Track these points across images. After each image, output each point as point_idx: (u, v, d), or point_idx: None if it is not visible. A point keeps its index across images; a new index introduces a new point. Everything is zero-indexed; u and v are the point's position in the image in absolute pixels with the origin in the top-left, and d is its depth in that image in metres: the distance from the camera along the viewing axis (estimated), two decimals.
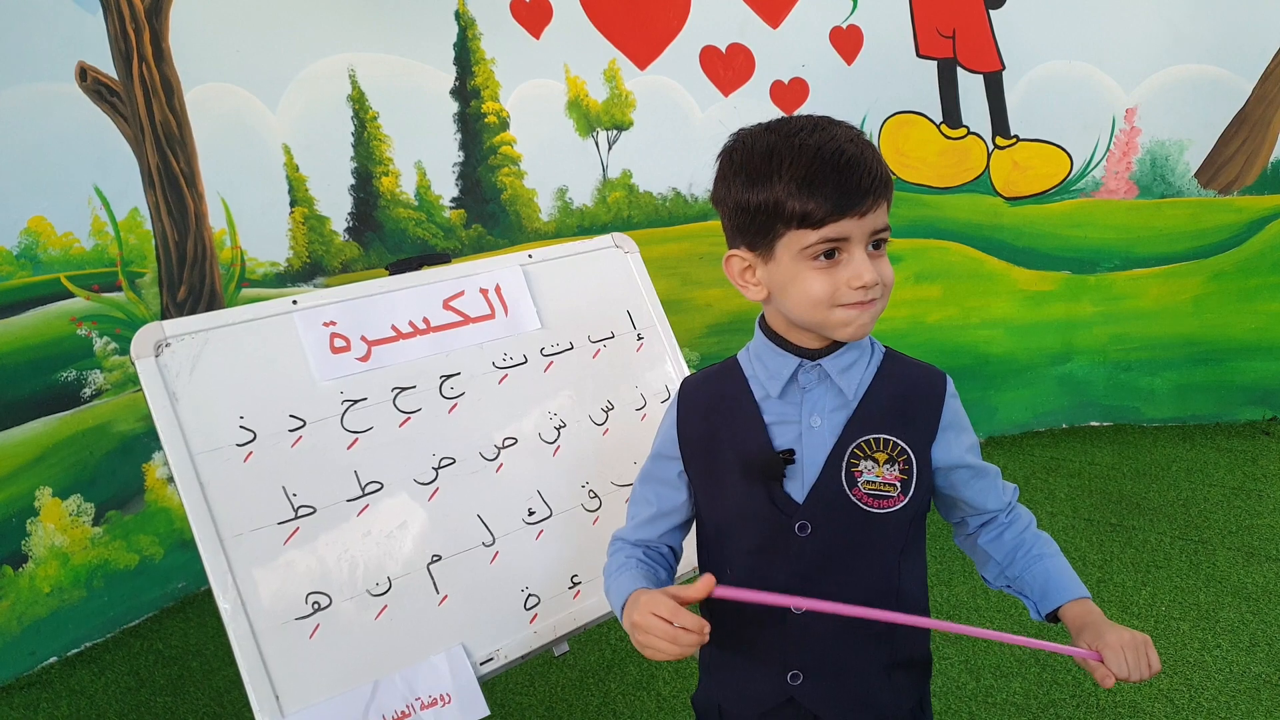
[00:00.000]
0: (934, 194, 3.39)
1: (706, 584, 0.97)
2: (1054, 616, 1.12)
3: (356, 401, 1.44)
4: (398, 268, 1.58)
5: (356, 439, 1.42)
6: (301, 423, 1.39)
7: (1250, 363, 3.53)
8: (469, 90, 3.05)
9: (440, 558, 1.42)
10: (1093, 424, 3.65)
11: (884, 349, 1.14)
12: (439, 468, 1.46)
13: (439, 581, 1.40)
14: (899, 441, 1.08)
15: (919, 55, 3.27)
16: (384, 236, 3.09)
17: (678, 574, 1.22)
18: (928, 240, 3.44)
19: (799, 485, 1.07)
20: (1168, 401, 3.59)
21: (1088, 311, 3.56)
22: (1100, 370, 3.61)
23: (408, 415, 1.47)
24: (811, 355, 1.06)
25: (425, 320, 1.54)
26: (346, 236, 3.07)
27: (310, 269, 3.06)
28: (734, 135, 1.05)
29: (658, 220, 3.23)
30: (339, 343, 1.47)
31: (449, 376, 1.52)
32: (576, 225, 3.18)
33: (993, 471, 1.16)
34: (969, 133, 3.36)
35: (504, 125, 3.09)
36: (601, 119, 3.13)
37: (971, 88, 3.33)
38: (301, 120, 2.94)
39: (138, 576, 2.75)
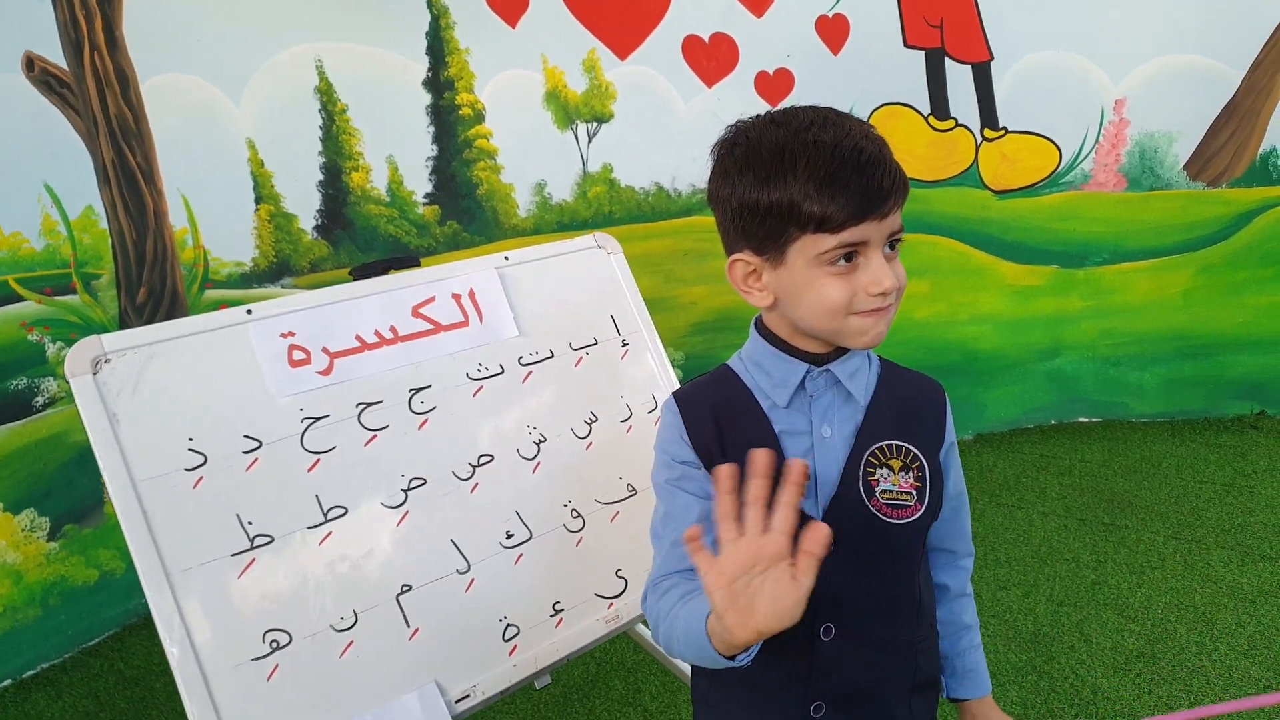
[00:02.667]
0: (922, 187, 3.32)
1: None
2: (956, 698, 1.17)
3: (318, 419, 1.34)
4: (362, 272, 1.47)
5: (318, 460, 1.32)
6: (257, 444, 1.28)
7: (1238, 357, 3.49)
8: (442, 82, 2.93)
9: (411, 587, 1.31)
10: (1082, 420, 3.60)
11: (879, 357, 1.08)
12: (409, 489, 1.36)
13: (409, 613, 1.30)
14: (911, 448, 1.02)
15: (906, 45, 3.19)
16: (354, 234, 2.96)
17: None
18: (916, 235, 3.37)
19: (813, 501, 1.00)
20: (1156, 397, 3.55)
21: (1076, 306, 3.50)
22: (1089, 366, 3.55)
23: (374, 433, 1.37)
24: (818, 361, 1.00)
25: (392, 329, 1.44)
26: (315, 235, 2.95)
27: (277, 269, 2.93)
28: (732, 127, 0.96)
29: (640, 216, 3.12)
30: (298, 355, 1.36)
31: (419, 390, 1.42)
32: (556, 221, 3.08)
33: (968, 514, 1.14)
34: (957, 124, 3.29)
35: (479, 118, 2.97)
36: (581, 111, 3.02)
37: (959, 79, 3.25)
38: (266, 113, 2.81)
39: (97, 593, 2.63)
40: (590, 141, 3.06)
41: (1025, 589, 2.56)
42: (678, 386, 1.65)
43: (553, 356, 1.55)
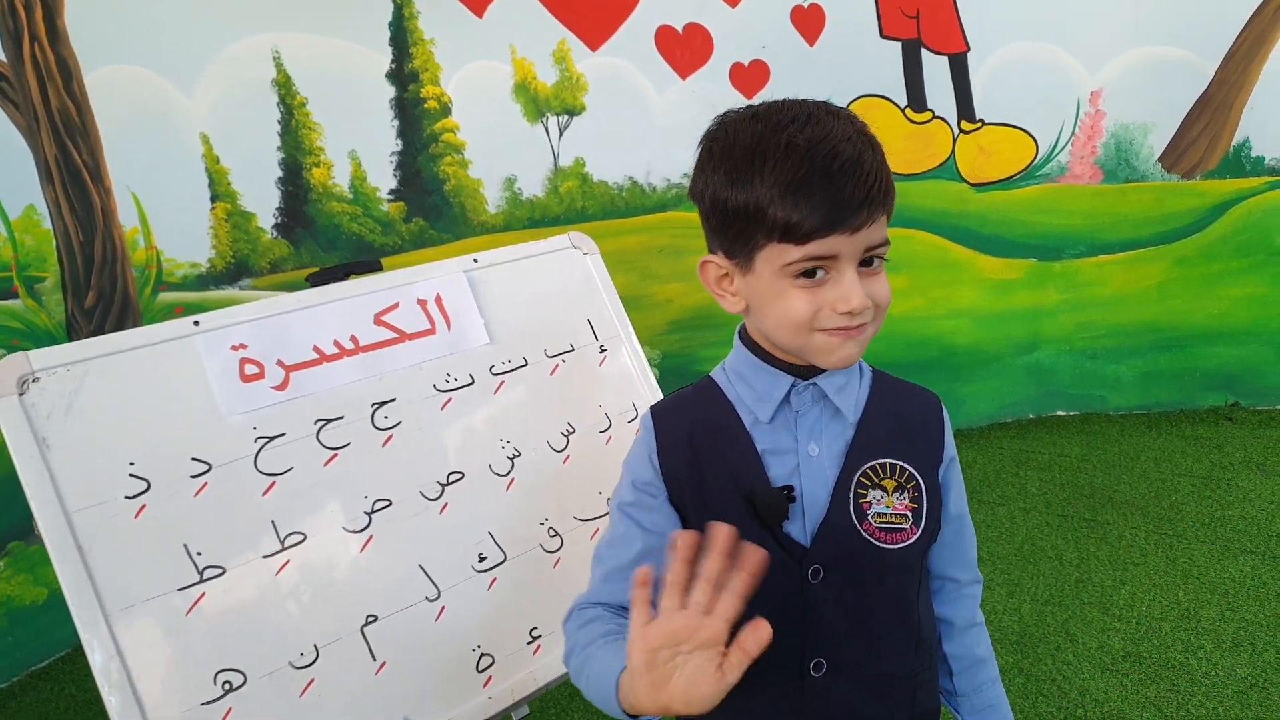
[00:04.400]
0: (899, 180, 3.23)
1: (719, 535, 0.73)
2: None
3: (273, 438, 1.24)
4: (319, 278, 1.37)
5: (273, 483, 1.22)
6: (206, 466, 1.18)
7: (1213, 348, 3.49)
8: (406, 73, 2.82)
9: (376, 618, 1.23)
10: (1059, 413, 3.59)
11: (871, 369, 1.01)
12: (373, 512, 1.27)
13: (375, 646, 1.21)
14: (907, 466, 0.95)
15: (883, 36, 3.13)
16: (316, 233, 2.85)
17: None
18: (893, 229, 3.29)
19: (800, 525, 0.93)
20: (1133, 389, 3.54)
21: (1053, 299, 3.48)
22: (1066, 359, 3.54)
23: (334, 452, 1.27)
24: (804, 373, 0.92)
25: (353, 339, 1.34)
26: (275, 234, 2.83)
27: (235, 270, 2.81)
28: (718, 119, 0.89)
29: (613, 211, 3.03)
30: (250, 369, 1.26)
31: (382, 404, 1.33)
32: (526, 217, 2.98)
33: (973, 533, 1.06)
34: (934, 117, 3.24)
35: (445, 111, 2.86)
36: (551, 103, 2.93)
37: (936, 70, 3.20)
38: (221, 107, 2.69)
39: (46, 613, 2.50)
40: (561, 135, 2.96)
41: (1009, 588, 2.52)
42: (658, 393, 1.58)
43: (526, 365, 1.46)
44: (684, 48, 2.96)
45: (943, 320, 3.45)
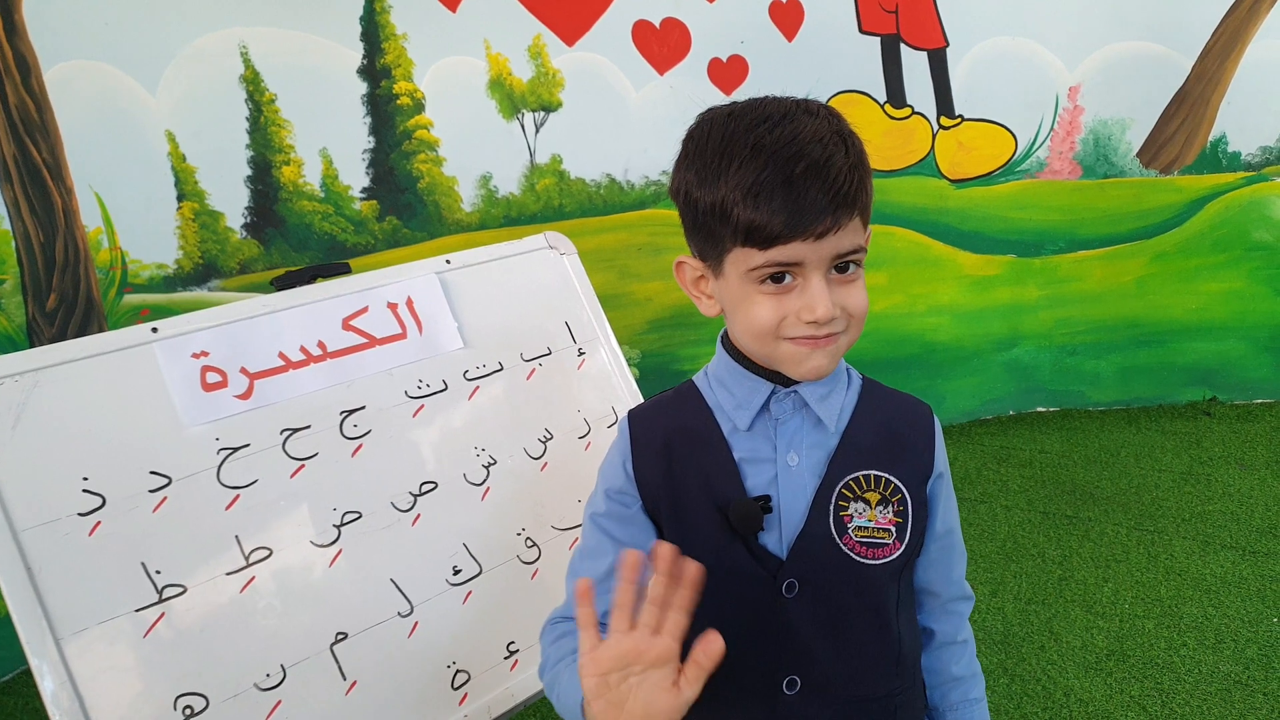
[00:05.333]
0: (879, 177, 3.21)
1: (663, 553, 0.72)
2: None
3: (236, 449, 1.19)
4: (285, 282, 1.32)
5: (237, 496, 1.17)
6: (166, 480, 1.13)
7: (1191, 343, 3.50)
8: (378, 69, 2.76)
9: (346, 635, 1.18)
10: (1039, 410, 3.58)
11: (861, 376, 0.97)
12: (342, 525, 1.22)
13: (346, 665, 1.17)
14: (892, 479, 0.92)
15: (861, 31, 3.11)
16: (286, 233, 2.78)
17: None
18: (873, 226, 3.29)
19: (776, 536, 0.90)
20: (1112, 385, 3.54)
21: (1033, 295, 3.48)
22: (1046, 355, 3.54)
23: (301, 462, 1.22)
24: (786, 380, 0.89)
25: (321, 345, 1.29)
26: (244, 234, 2.76)
27: (204, 271, 2.74)
28: (700, 115, 0.86)
29: (591, 209, 2.99)
30: (213, 377, 1.21)
31: (351, 412, 1.28)
32: (503, 216, 2.93)
33: (962, 550, 1.02)
34: (913, 113, 3.22)
35: (419, 107, 2.81)
36: (527, 100, 2.87)
37: (915, 65, 3.18)
38: (186, 103, 2.62)
39: (7, 624, 2.42)
40: (538, 131, 2.91)
41: (993, 587, 2.51)
42: (639, 396, 1.54)
43: (502, 369, 1.42)
44: (661, 43, 2.92)
45: (923, 317, 3.43)
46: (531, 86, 2.87)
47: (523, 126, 2.90)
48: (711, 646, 0.70)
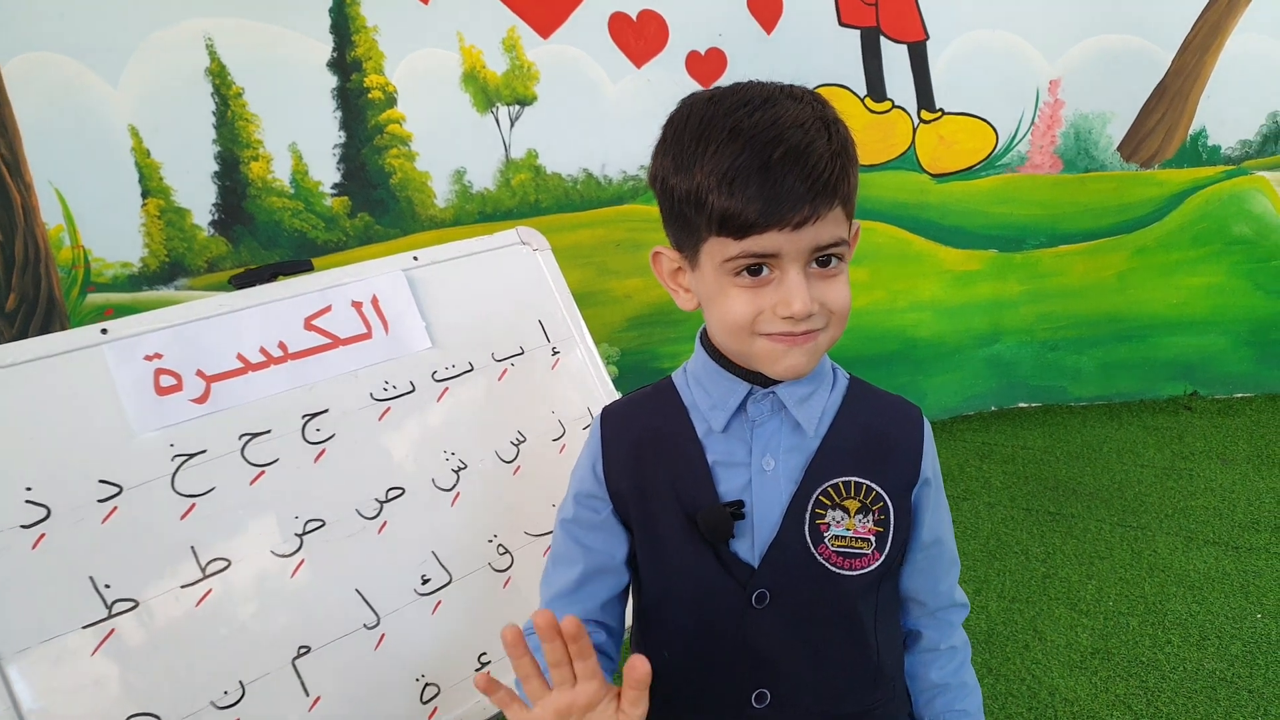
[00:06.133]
0: (859, 171, 3.21)
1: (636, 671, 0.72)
2: None
3: (192, 456, 1.13)
4: (244, 280, 1.27)
5: (193, 505, 1.12)
6: (116, 489, 1.08)
7: (1172, 338, 3.49)
8: (349, 62, 2.69)
9: (309, 649, 1.13)
10: (1021, 405, 3.57)
11: (848, 376, 0.92)
12: (304, 533, 1.17)
13: (309, 679, 1.11)
14: (874, 486, 0.87)
15: (841, 24, 3.07)
16: (255, 230, 2.71)
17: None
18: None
19: (749, 544, 0.86)
20: (1093, 380, 3.54)
21: (1014, 291, 3.46)
22: (1028, 350, 3.52)
23: (261, 469, 1.17)
24: (765, 380, 0.85)
25: (282, 345, 1.24)
26: (211, 231, 2.69)
27: (170, 269, 2.67)
28: (683, 99, 0.82)
29: (568, 205, 2.94)
30: (166, 381, 1.15)
31: (314, 415, 1.23)
32: (477, 211, 2.87)
33: (952, 559, 0.98)
34: (894, 106, 3.19)
35: (391, 101, 2.74)
36: (502, 93, 2.82)
37: (895, 58, 3.15)
38: (150, 97, 2.55)
39: None
40: (513, 126, 2.86)
41: (976, 585, 2.48)
42: (616, 397, 1.49)
43: (472, 370, 1.37)
44: (638, 35, 2.87)
45: (904, 313, 3.41)
46: (506, 80, 2.81)
47: (497, 120, 2.84)
48: (636, 672, 0.70)
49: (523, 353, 1.43)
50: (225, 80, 2.60)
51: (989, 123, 3.27)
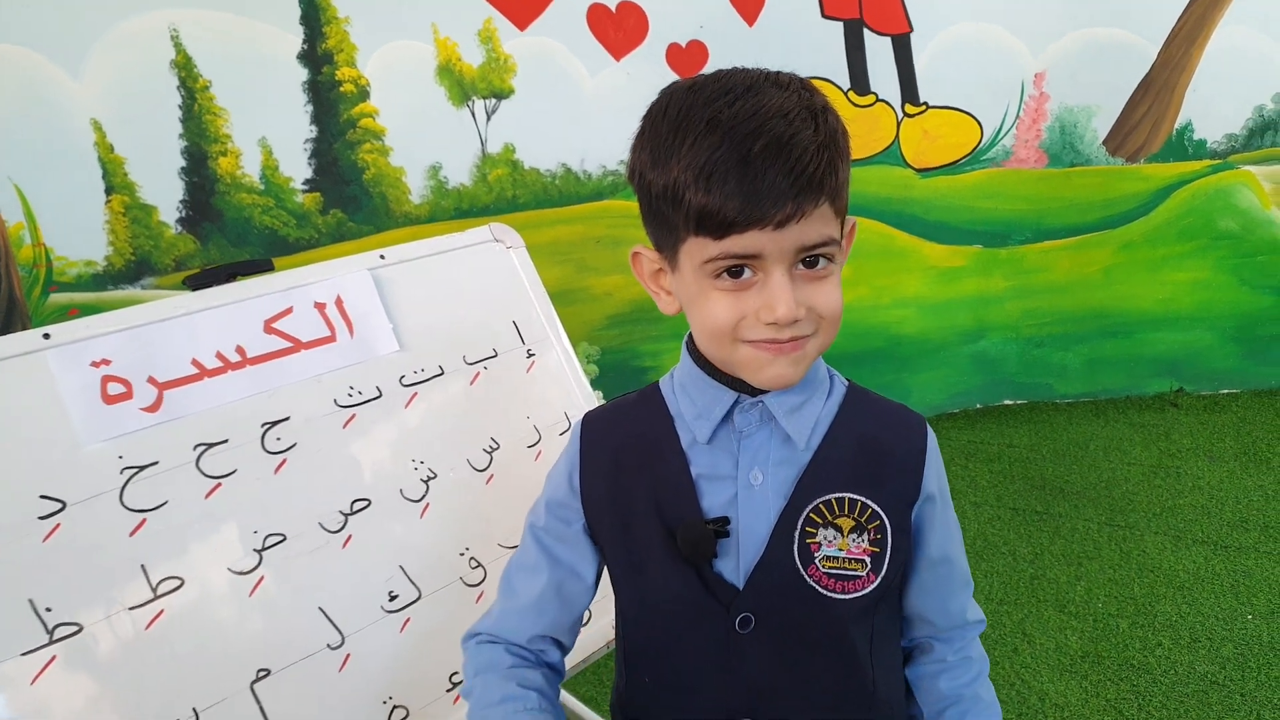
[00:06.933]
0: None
1: None
2: None
3: (142, 468, 1.07)
4: (199, 280, 1.20)
5: (143, 520, 1.05)
6: (59, 505, 1.01)
7: (1158, 334, 3.48)
8: (320, 54, 2.62)
9: (269, 672, 1.06)
10: (1007, 402, 3.54)
11: (846, 383, 0.86)
12: (263, 549, 1.10)
13: (268, 704, 1.05)
14: (869, 503, 0.82)
15: (824, 16, 3.02)
16: (224, 227, 2.64)
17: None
18: None
19: (734, 563, 0.81)
20: (1079, 376, 3.51)
21: (1000, 286, 3.43)
22: (1013, 347, 3.49)
23: (217, 481, 1.10)
24: (751, 389, 0.79)
25: (240, 350, 1.17)
26: (179, 228, 2.61)
27: (136, 268, 2.59)
28: (664, 88, 0.77)
29: (547, 200, 2.87)
30: (115, 388, 1.08)
31: (274, 424, 1.16)
32: (454, 207, 2.80)
33: (963, 578, 0.91)
34: (877, 100, 3.14)
35: (363, 95, 2.67)
36: (478, 86, 2.75)
37: (879, 51, 3.10)
38: (113, 90, 2.46)
39: None
40: (489, 119, 2.79)
41: None
42: (594, 401, 1.44)
43: (442, 374, 1.31)
44: (617, 27, 2.80)
45: (888, 310, 3.37)
46: (482, 72, 2.74)
47: (473, 114, 2.77)
48: None
49: (496, 355, 1.37)
50: (192, 73, 2.52)
51: (974, 116, 3.23)
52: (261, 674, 1.06)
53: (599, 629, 1.27)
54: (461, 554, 1.23)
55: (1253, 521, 2.62)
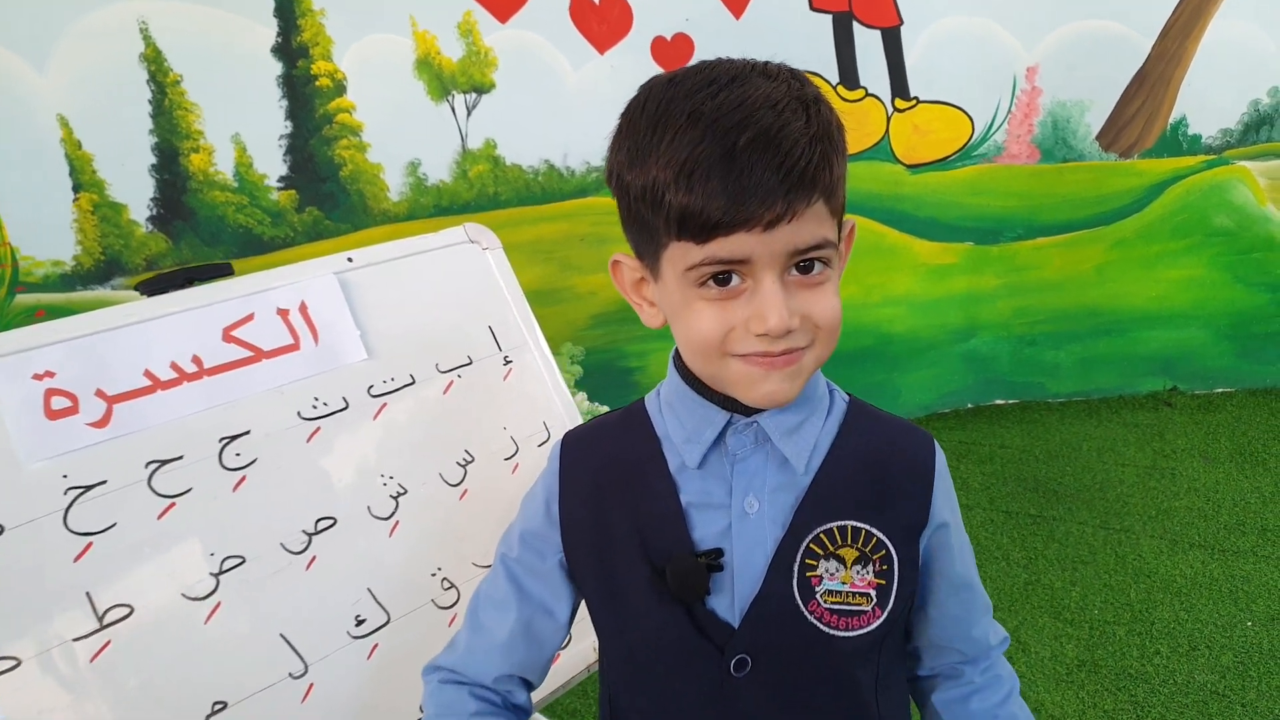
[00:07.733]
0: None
1: None
2: None
3: (89, 488, 1.00)
4: (153, 286, 1.13)
5: (89, 544, 0.98)
6: None
7: (1151, 332, 3.43)
8: (295, 48, 2.54)
9: (226, 705, 1.00)
10: (998, 402, 3.49)
11: (848, 399, 0.80)
12: (221, 572, 1.04)
13: None
14: (875, 531, 0.76)
15: (813, 9, 2.96)
16: (197, 225, 2.56)
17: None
18: None
19: (729, 600, 0.74)
20: (1071, 375, 3.47)
21: (991, 284, 3.38)
22: (1004, 345, 3.45)
23: (171, 500, 1.03)
24: (745, 408, 0.73)
25: (196, 360, 1.10)
26: (150, 227, 2.54)
27: (106, 268, 2.52)
28: (643, 85, 0.71)
29: (529, 198, 2.80)
30: (60, 402, 1.01)
31: (233, 438, 1.09)
32: (433, 205, 2.73)
33: (984, 602, 0.86)
34: (867, 94, 3.09)
35: (340, 89, 2.60)
36: (458, 80, 2.68)
37: (868, 45, 3.04)
38: (80, 85, 2.39)
39: None
40: (470, 115, 2.71)
41: None
42: (574, 410, 1.37)
43: (413, 383, 1.24)
44: (601, 20, 2.74)
45: (878, 308, 3.32)
46: (462, 66, 2.67)
47: (453, 109, 2.70)
48: None
49: (471, 363, 1.30)
50: (162, 67, 2.45)
51: (965, 111, 3.18)
52: (218, 707, 0.99)
53: (579, 651, 1.21)
54: (433, 575, 1.16)
55: (1249, 525, 2.57)
